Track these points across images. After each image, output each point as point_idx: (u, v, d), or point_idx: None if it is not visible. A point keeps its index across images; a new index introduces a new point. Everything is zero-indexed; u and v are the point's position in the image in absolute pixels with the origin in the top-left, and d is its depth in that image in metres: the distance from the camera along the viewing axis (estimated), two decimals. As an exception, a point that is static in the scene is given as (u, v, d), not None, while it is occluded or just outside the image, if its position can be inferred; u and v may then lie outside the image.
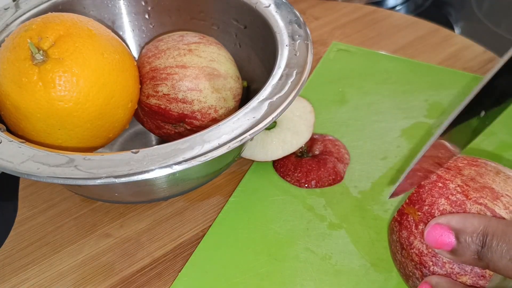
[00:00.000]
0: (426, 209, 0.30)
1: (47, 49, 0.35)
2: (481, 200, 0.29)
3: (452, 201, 0.30)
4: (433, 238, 0.28)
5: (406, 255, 0.31)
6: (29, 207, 0.43)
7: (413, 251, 0.30)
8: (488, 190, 0.30)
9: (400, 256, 0.32)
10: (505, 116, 0.48)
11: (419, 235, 0.30)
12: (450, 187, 0.31)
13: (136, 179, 0.31)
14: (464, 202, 0.29)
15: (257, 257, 0.38)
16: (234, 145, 0.33)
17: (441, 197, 0.30)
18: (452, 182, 0.31)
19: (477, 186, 0.30)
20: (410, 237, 0.31)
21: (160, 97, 0.41)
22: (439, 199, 0.30)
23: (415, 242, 0.30)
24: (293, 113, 0.45)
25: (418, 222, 0.30)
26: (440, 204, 0.30)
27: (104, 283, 0.38)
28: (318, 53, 0.57)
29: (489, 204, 0.29)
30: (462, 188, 0.30)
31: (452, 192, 0.30)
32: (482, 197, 0.29)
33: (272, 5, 0.44)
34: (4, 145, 0.34)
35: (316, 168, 0.43)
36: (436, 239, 0.28)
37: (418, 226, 0.30)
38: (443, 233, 0.28)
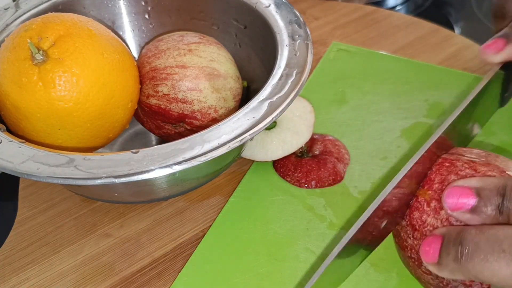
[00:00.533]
0: (436, 186, 0.31)
1: (47, 49, 0.35)
2: (489, 173, 0.30)
3: (462, 176, 0.30)
4: (453, 199, 0.28)
5: (419, 236, 0.31)
6: (29, 207, 0.43)
7: (426, 229, 0.30)
8: (493, 166, 0.30)
9: (412, 240, 0.32)
10: (505, 116, 0.48)
11: (432, 212, 0.30)
12: (457, 165, 0.31)
13: (136, 179, 0.31)
14: (474, 175, 0.30)
15: (257, 257, 0.38)
16: (234, 145, 0.33)
17: (451, 174, 0.31)
18: (458, 161, 0.31)
19: (483, 162, 0.31)
20: (422, 216, 0.31)
21: (160, 97, 0.41)
22: (449, 175, 0.31)
23: (429, 219, 0.30)
24: (293, 113, 0.45)
25: (429, 201, 0.31)
26: (450, 180, 0.30)
27: (104, 283, 0.38)
28: (318, 53, 0.57)
29: (498, 176, 0.30)
30: (469, 164, 0.31)
31: (461, 168, 0.31)
32: (490, 171, 0.30)
33: (272, 5, 0.44)
34: (4, 145, 0.34)
35: (316, 168, 0.43)
36: (457, 200, 0.28)
37: (430, 204, 0.31)
38: (464, 193, 0.28)
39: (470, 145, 0.41)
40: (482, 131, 0.47)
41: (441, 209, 0.30)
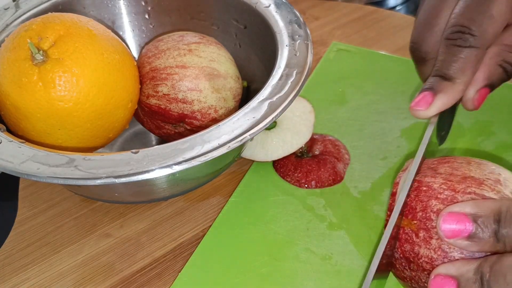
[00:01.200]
0: (420, 215, 0.30)
1: (47, 49, 0.35)
2: (468, 189, 0.29)
3: (443, 199, 0.30)
4: (449, 227, 0.28)
5: (416, 268, 0.30)
6: (29, 207, 0.43)
7: (422, 260, 0.30)
8: (470, 179, 0.30)
9: (410, 271, 0.31)
10: (505, 116, 0.48)
11: (423, 243, 0.30)
12: (435, 187, 0.30)
13: (136, 179, 0.31)
14: (454, 196, 0.29)
15: (257, 257, 0.38)
16: (234, 145, 0.33)
17: (431, 199, 0.30)
18: (434, 182, 0.31)
19: (459, 178, 0.30)
20: (414, 248, 0.30)
21: (160, 97, 0.41)
22: (429, 201, 0.30)
23: (421, 251, 0.30)
24: (293, 113, 0.45)
25: (417, 231, 0.30)
26: (432, 205, 0.30)
27: (104, 283, 0.38)
28: (318, 53, 0.57)
29: (477, 191, 0.29)
30: (446, 184, 0.30)
31: (439, 191, 0.30)
32: (469, 187, 0.29)
33: (272, 5, 0.44)
34: (4, 145, 0.34)
35: (316, 168, 0.43)
36: (453, 227, 0.28)
37: (419, 235, 0.30)
38: (460, 219, 0.28)
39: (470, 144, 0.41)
40: (481, 131, 0.47)
41: (431, 238, 0.29)
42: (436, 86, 0.35)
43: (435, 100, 0.34)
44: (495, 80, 0.36)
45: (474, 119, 0.48)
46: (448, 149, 0.45)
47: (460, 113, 0.49)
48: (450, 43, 0.35)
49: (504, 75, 0.37)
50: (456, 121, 0.48)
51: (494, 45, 0.36)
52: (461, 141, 0.46)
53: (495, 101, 0.50)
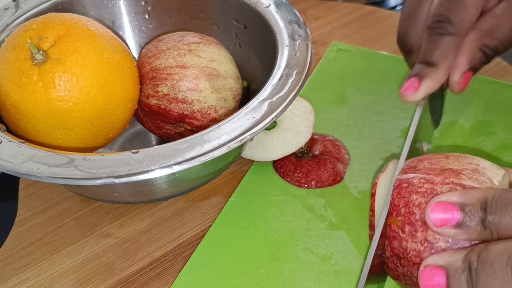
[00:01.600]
0: (404, 211, 0.31)
1: (47, 49, 0.35)
2: (446, 180, 0.30)
3: (423, 193, 0.30)
4: (438, 216, 0.28)
5: (406, 263, 0.31)
6: (29, 207, 0.43)
7: (410, 255, 0.30)
8: (447, 171, 0.30)
9: (401, 268, 0.31)
10: (505, 116, 0.48)
11: (409, 237, 0.30)
12: (414, 183, 0.31)
13: (136, 179, 0.31)
14: (433, 188, 0.30)
15: (257, 257, 0.38)
16: (234, 145, 0.33)
17: (412, 194, 0.31)
18: (414, 178, 0.31)
19: (437, 172, 0.31)
20: (402, 243, 0.30)
21: (160, 97, 0.41)
22: (410, 196, 0.31)
23: (409, 245, 0.30)
24: (293, 113, 0.45)
25: (402, 226, 0.30)
26: (414, 200, 0.30)
27: (104, 283, 0.38)
28: (318, 53, 0.57)
29: (455, 180, 0.30)
30: (425, 179, 0.31)
31: (419, 185, 0.31)
32: (446, 178, 0.30)
33: (272, 5, 0.44)
34: (4, 145, 0.34)
35: (316, 168, 0.43)
36: (441, 216, 0.28)
37: (405, 230, 0.30)
38: (448, 208, 0.28)
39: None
40: (481, 131, 0.47)
41: (416, 232, 0.30)
42: (421, 72, 0.38)
43: (421, 85, 0.37)
44: (476, 64, 0.40)
45: (474, 119, 0.48)
46: (450, 147, 0.45)
47: (460, 113, 0.49)
48: (431, 32, 0.38)
49: (484, 59, 0.40)
50: (456, 121, 0.48)
51: (473, 31, 0.39)
52: (461, 141, 0.46)
53: (495, 101, 0.50)
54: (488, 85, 0.51)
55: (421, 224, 0.30)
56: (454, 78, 0.40)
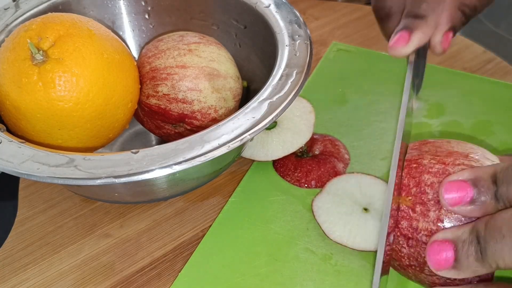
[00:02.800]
0: (415, 190, 0.31)
1: (47, 49, 0.35)
2: (457, 161, 0.30)
3: (435, 172, 0.30)
4: (451, 194, 0.29)
5: (415, 243, 0.31)
6: (29, 207, 0.43)
7: (421, 234, 0.30)
8: (455, 154, 0.31)
9: (408, 249, 0.31)
10: (505, 116, 0.48)
11: (420, 217, 0.30)
12: (424, 163, 0.31)
13: (136, 179, 0.31)
14: (445, 168, 0.30)
15: (257, 257, 0.38)
16: (234, 145, 0.33)
17: (423, 174, 0.31)
18: (423, 159, 0.31)
19: (445, 153, 0.31)
20: (412, 223, 0.30)
21: (160, 97, 0.41)
22: (422, 176, 0.31)
23: (420, 225, 0.30)
24: (293, 113, 0.45)
25: (413, 206, 0.30)
26: (426, 180, 0.30)
27: (104, 283, 0.38)
28: (318, 53, 0.57)
29: (466, 162, 0.30)
30: (435, 159, 0.31)
31: (430, 166, 0.31)
32: (456, 159, 0.30)
33: (272, 5, 0.44)
34: (4, 145, 0.34)
35: (316, 168, 0.43)
36: (455, 194, 0.28)
37: (416, 209, 0.30)
38: (461, 186, 0.28)
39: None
40: (481, 131, 0.47)
41: (428, 211, 0.30)
42: (410, 24, 0.38)
43: (412, 37, 0.38)
44: (456, 23, 0.40)
45: (474, 119, 0.48)
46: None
47: (460, 113, 0.49)
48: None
49: (463, 18, 0.40)
50: (456, 121, 0.48)
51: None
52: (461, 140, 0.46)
53: (495, 101, 0.50)
54: (488, 85, 0.51)
55: (433, 203, 0.30)
56: (436, 38, 0.40)
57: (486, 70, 0.54)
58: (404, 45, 0.38)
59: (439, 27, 0.40)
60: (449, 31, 0.40)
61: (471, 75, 0.53)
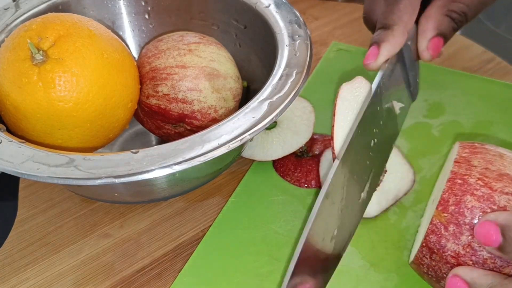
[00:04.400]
0: (452, 209, 0.30)
1: (47, 49, 0.35)
2: (506, 189, 0.29)
3: (479, 196, 0.29)
4: (481, 234, 0.28)
5: (439, 259, 0.30)
6: (29, 207, 0.43)
7: (447, 254, 0.30)
8: (506, 177, 0.29)
9: (430, 260, 0.31)
10: (505, 116, 0.48)
11: (451, 237, 0.29)
12: (471, 182, 0.30)
13: (136, 179, 0.31)
14: (491, 194, 0.29)
15: (257, 257, 0.38)
16: (234, 145, 0.33)
17: (466, 194, 0.30)
18: (470, 176, 0.30)
19: (495, 175, 0.30)
20: (441, 240, 0.30)
21: (160, 97, 0.41)
22: (464, 196, 0.30)
23: (449, 245, 0.30)
24: (293, 113, 0.45)
25: (446, 224, 0.30)
26: (467, 202, 0.29)
27: (104, 283, 0.38)
28: (318, 53, 0.57)
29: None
30: (483, 181, 0.30)
31: (476, 187, 0.30)
32: (506, 186, 0.29)
33: (272, 5, 0.44)
34: (4, 145, 0.34)
35: (316, 168, 0.43)
36: (484, 236, 0.28)
37: (448, 228, 0.30)
38: (490, 230, 0.28)
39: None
40: (481, 131, 0.47)
41: (461, 234, 0.29)
42: (379, 38, 0.39)
43: (381, 50, 0.39)
44: (444, 30, 0.41)
45: (474, 119, 0.48)
46: (451, 147, 0.45)
47: (460, 113, 0.49)
48: (388, 2, 0.40)
49: (452, 23, 0.41)
50: (456, 121, 0.48)
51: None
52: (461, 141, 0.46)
53: (495, 101, 0.50)
54: (488, 85, 0.51)
55: (468, 228, 0.29)
56: (422, 45, 0.41)
57: (486, 70, 0.54)
58: (374, 60, 0.39)
59: (424, 34, 0.40)
60: (436, 37, 0.40)
61: (471, 75, 0.53)
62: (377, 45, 0.39)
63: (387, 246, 0.39)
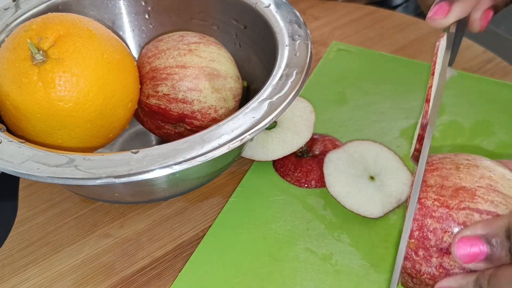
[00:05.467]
0: (417, 234, 0.30)
1: (47, 49, 0.35)
2: (462, 204, 0.29)
3: (438, 218, 0.29)
4: (465, 252, 0.28)
5: (419, 282, 0.30)
6: (29, 207, 0.43)
7: (424, 277, 0.30)
8: (462, 191, 0.29)
9: (413, 284, 0.31)
10: (505, 116, 0.48)
11: (423, 261, 0.30)
12: (428, 205, 0.30)
13: (136, 179, 0.31)
14: (449, 213, 0.29)
15: (257, 257, 0.38)
16: (234, 145, 0.33)
17: (426, 218, 0.30)
18: (427, 198, 0.30)
19: (450, 192, 0.30)
20: (415, 265, 0.30)
21: (160, 97, 0.41)
22: (424, 220, 0.30)
23: (423, 268, 0.30)
24: (293, 113, 0.45)
25: (416, 250, 0.30)
26: (428, 225, 0.30)
27: (104, 283, 0.38)
28: (318, 53, 0.57)
29: (471, 205, 0.29)
30: (439, 201, 0.30)
31: (433, 209, 0.30)
32: (462, 201, 0.29)
33: (272, 5, 0.44)
34: (4, 145, 0.34)
35: (316, 168, 0.43)
36: (468, 252, 0.27)
37: (418, 253, 0.30)
38: (474, 244, 0.27)
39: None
40: (481, 131, 0.47)
41: (430, 257, 0.29)
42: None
43: (453, 7, 0.37)
44: (498, 2, 0.39)
45: (474, 119, 0.48)
46: (450, 147, 0.45)
47: (460, 113, 0.49)
48: None
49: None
50: (456, 121, 0.48)
51: None
52: (461, 141, 0.46)
53: (495, 101, 0.50)
54: (488, 85, 0.51)
55: (436, 250, 0.29)
56: (476, 15, 0.39)
57: (486, 70, 0.54)
58: (443, 17, 0.37)
59: (481, 3, 0.39)
60: (490, 9, 0.39)
61: (471, 75, 0.53)
62: (449, 2, 0.37)
63: (387, 246, 0.39)
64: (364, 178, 0.41)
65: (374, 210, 0.40)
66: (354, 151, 0.43)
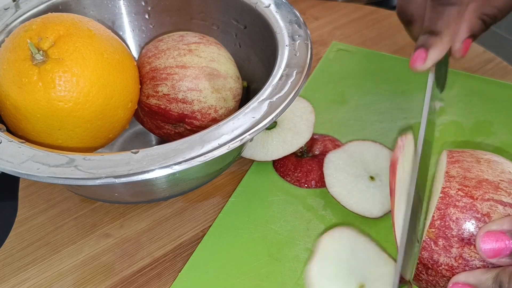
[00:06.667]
0: (438, 223, 0.30)
1: (47, 49, 0.35)
2: (486, 195, 0.29)
3: (461, 207, 0.29)
4: (490, 247, 0.28)
5: (434, 273, 0.30)
6: (29, 207, 0.43)
7: (441, 268, 0.30)
8: (485, 183, 0.30)
9: (426, 276, 0.31)
10: (505, 116, 0.48)
11: (442, 251, 0.29)
12: (451, 194, 0.30)
13: (136, 179, 0.31)
14: (473, 203, 0.29)
15: (257, 257, 0.38)
16: (234, 145, 0.33)
17: (449, 207, 0.30)
18: (450, 188, 0.30)
19: (474, 183, 0.30)
20: (433, 256, 0.30)
21: (160, 97, 0.41)
22: (447, 209, 0.30)
23: (441, 259, 0.30)
24: (293, 113, 0.45)
25: (435, 239, 0.30)
26: (451, 214, 0.29)
27: (104, 283, 0.38)
28: (318, 53, 0.57)
29: (495, 196, 0.29)
30: (463, 191, 0.30)
31: (457, 198, 0.30)
32: (486, 193, 0.29)
33: (272, 5, 0.44)
34: (4, 145, 0.34)
35: (316, 168, 0.43)
36: (494, 247, 0.28)
37: (438, 243, 0.30)
38: (499, 238, 0.27)
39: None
40: (481, 131, 0.47)
41: (451, 247, 0.29)
42: (427, 42, 0.40)
43: (429, 54, 0.40)
44: (476, 32, 0.43)
45: (474, 119, 0.48)
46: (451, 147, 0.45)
47: (460, 113, 0.49)
48: (434, 4, 0.41)
49: (483, 26, 0.43)
50: (456, 121, 0.48)
51: (473, 2, 0.42)
52: (461, 141, 0.46)
53: (495, 101, 0.50)
54: (488, 85, 0.51)
55: (457, 240, 0.29)
56: (456, 46, 0.42)
57: (486, 70, 0.54)
58: (422, 63, 0.40)
59: (459, 36, 0.42)
60: (468, 39, 0.42)
61: (471, 75, 0.53)
62: (425, 49, 0.40)
63: (388, 246, 0.39)
64: (364, 178, 0.41)
65: (374, 210, 0.40)
66: (354, 151, 0.43)
